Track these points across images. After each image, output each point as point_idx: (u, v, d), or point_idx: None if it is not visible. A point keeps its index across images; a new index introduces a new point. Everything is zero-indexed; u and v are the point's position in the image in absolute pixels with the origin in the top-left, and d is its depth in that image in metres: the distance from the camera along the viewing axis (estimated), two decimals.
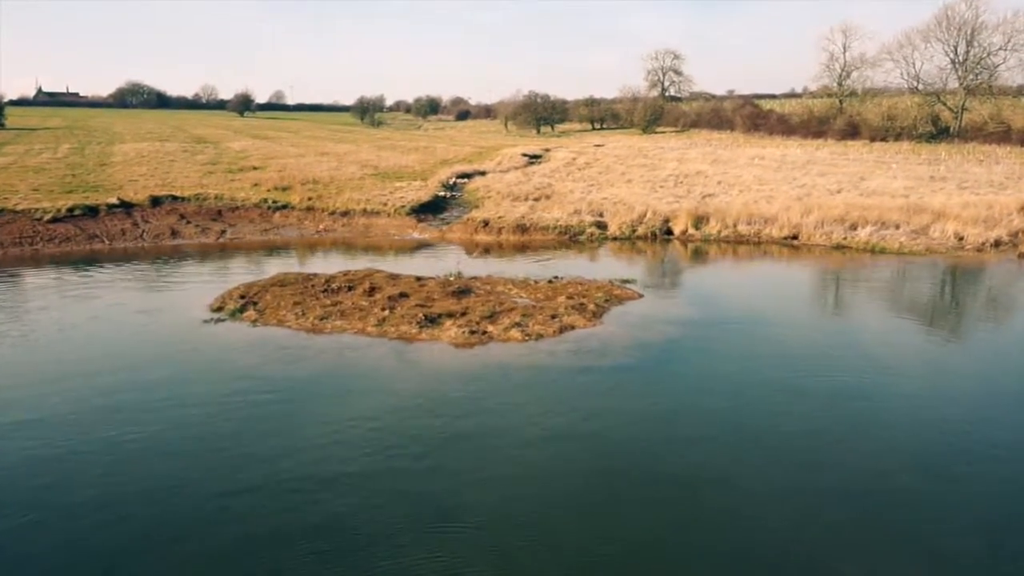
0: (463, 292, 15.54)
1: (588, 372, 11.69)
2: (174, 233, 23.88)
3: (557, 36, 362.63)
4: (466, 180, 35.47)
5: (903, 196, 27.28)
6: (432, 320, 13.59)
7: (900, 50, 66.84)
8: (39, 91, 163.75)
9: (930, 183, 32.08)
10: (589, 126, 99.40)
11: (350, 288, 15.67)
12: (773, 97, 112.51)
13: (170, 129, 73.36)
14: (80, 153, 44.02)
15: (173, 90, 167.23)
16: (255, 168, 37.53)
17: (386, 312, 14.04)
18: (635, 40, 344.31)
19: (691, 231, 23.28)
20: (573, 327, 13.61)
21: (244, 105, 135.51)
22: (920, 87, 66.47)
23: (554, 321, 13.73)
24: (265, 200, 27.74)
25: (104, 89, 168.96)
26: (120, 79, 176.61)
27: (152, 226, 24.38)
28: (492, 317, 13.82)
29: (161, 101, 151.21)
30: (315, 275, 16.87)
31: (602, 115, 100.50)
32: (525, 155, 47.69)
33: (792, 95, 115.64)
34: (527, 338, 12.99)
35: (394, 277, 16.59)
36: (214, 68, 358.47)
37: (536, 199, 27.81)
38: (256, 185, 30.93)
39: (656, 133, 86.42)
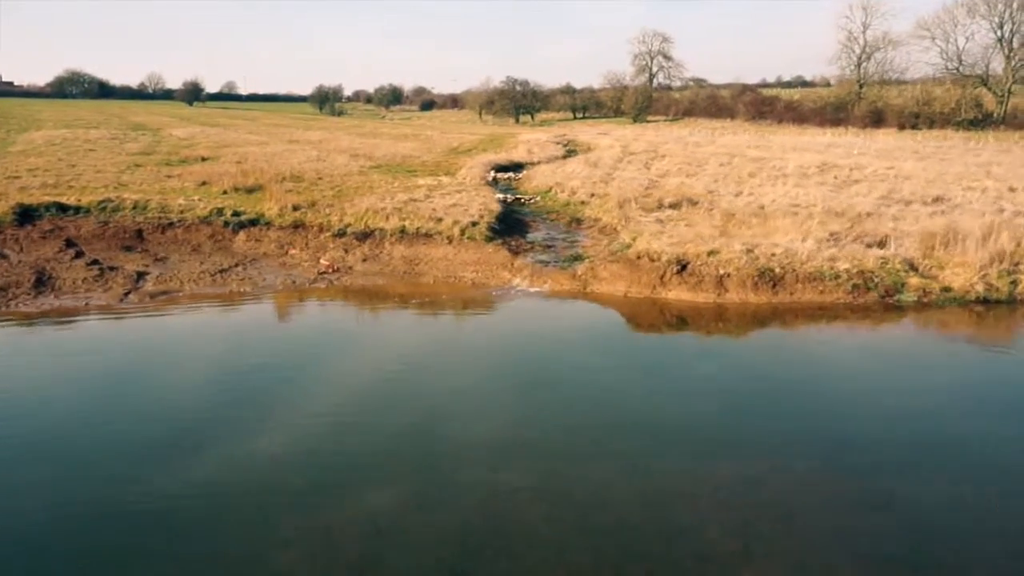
0: None
1: None
2: (40, 283, 11.54)
3: (516, 25, 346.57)
4: (509, 175, 23.73)
5: None
6: None
7: (939, 26, 56.82)
8: None
9: None
10: (571, 115, 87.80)
11: None
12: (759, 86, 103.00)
13: (106, 116, 59.35)
14: None
15: (117, 79, 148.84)
16: (204, 159, 25.15)
17: None
18: (593, 28, 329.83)
19: None
20: None
21: (193, 95, 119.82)
22: (961, 68, 56.68)
23: None
24: (220, 210, 15.58)
25: (42, 79, 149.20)
26: (60, 68, 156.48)
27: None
28: None
29: (103, 91, 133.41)
30: None
31: (584, 103, 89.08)
32: (557, 143, 35.70)
33: (779, 83, 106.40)
34: None
35: None
36: (161, 58, 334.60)
37: (672, 206, 15.94)
38: (205, 184, 18.73)
39: (648, 122, 75.63)
